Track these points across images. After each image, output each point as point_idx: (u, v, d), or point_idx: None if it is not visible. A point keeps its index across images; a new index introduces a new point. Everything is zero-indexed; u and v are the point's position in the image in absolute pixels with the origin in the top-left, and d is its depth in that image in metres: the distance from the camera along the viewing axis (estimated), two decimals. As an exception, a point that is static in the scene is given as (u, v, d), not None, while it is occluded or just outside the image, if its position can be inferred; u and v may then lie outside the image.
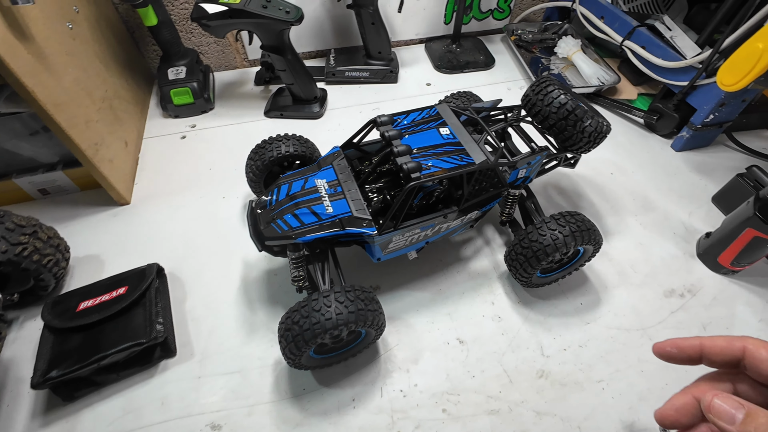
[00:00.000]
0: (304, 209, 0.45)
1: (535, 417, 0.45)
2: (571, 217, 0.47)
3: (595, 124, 0.48)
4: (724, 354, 0.28)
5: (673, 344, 0.31)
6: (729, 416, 0.24)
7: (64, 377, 0.41)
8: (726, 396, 0.25)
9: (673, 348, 0.31)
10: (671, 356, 0.31)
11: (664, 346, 0.31)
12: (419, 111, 0.51)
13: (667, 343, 0.31)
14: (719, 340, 0.29)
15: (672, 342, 0.31)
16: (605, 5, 0.81)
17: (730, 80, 0.53)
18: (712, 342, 0.29)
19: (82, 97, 0.57)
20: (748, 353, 0.27)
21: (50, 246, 0.50)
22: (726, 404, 0.25)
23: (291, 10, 0.65)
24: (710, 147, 0.74)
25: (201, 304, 0.53)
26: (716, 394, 0.25)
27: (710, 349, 0.29)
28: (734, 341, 0.28)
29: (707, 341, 0.29)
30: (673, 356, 0.31)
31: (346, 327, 0.39)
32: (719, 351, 0.28)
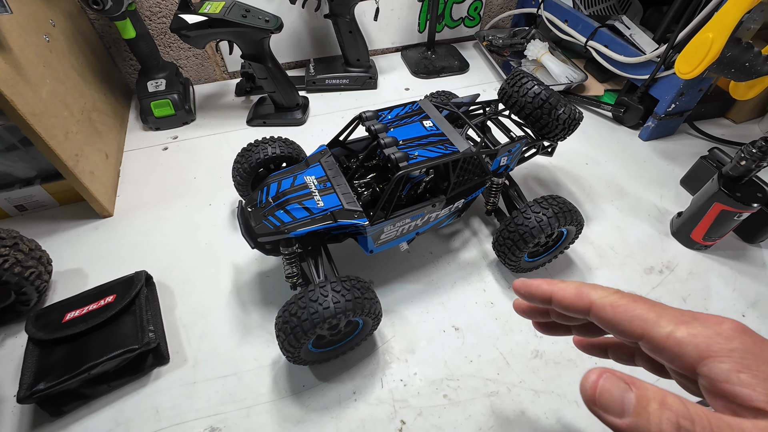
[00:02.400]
0: (295, 205, 0.45)
1: (533, 396, 0.46)
2: (553, 200, 0.49)
3: (569, 111, 0.51)
4: (573, 306, 0.25)
5: (523, 284, 0.28)
6: (618, 404, 0.19)
7: (53, 389, 0.40)
8: (610, 376, 0.20)
9: (523, 288, 0.28)
10: (522, 297, 0.29)
11: (516, 286, 0.29)
12: (402, 106, 0.52)
13: (517, 283, 0.29)
14: (570, 289, 0.25)
15: (522, 282, 0.28)
16: (568, 10, 0.86)
17: (686, 68, 0.57)
18: (563, 290, 0.26)
19: (60, 109, 0.56)
20: (593, 311, 0.24)
21: (32, 258, 0.48)
22: (613, 385, 0.20)
23: (270, 18, 0.67)
24: (674, 135, 0.79)
25: (192, 311, 0.52)
26: (602, 372, 0.20)
27: (559, 298, 0.26)
28: (583, 294, 0.24)
29: (558, 287, 0.26)
30: (523, 298, 0.29)
31: (344, 315, 0.39)
32: (568, 302, 0.25)
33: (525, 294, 0.28)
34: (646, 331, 0.21)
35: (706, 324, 0.20)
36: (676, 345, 0.20)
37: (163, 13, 0.78)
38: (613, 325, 0.23)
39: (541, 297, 0.27)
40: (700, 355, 0.20)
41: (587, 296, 0.24)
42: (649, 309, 0.22)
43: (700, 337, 0.20)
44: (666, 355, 0.21)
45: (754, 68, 0.57)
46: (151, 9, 0.77)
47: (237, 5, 0.66)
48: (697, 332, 0.20)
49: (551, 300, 0.26)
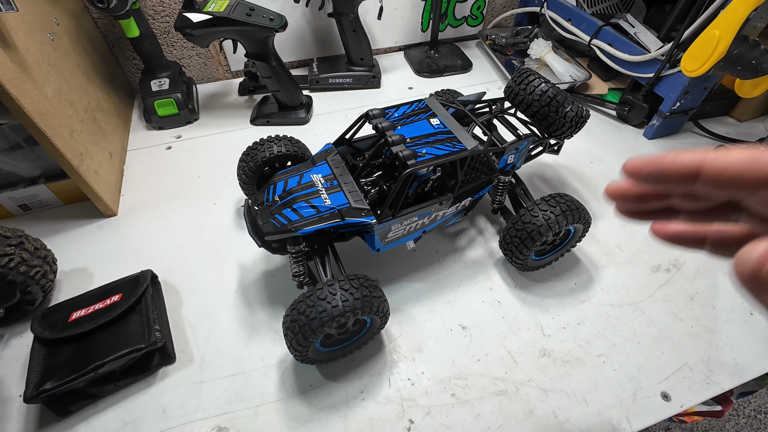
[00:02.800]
0: (302, 203, 0.45)
1: (542, 394, 0.45)
2: (561, 198, 0.49)
3: (576, 109, 0.51)
4: (744, 177, 0.18)
5: (650, 161, 0.20)
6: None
7: (60, 389, 0.39)
8: None
9: (650, 165, 0.20)
10: (646, 180, 0.21)
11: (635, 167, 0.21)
12: (409, 104, 0.52)
13: (636, 163, 0.21)
14: (737, 154, 0.18)
15: (647, 160, 0.20)
16: (571, 8, 0.86)
17: (693, 66, 0.57)
18: (725, 157, 0.18)
19: (65, 108, 0.56)
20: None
21: (37, 257, 0.48)
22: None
23: (275, 17, 0.67)
24: (679, 134, 0.79)
25: (198, 310, 0.52)
26: None
27: (718, 168, 0.18)
28: (763, 158, 0.17)
29: (713, 155, 0.19)
30: (646, 181, 0.21)
31: (353, 314, 0.39)
32: (736, 172, 0.18)
33: (651, 174, 0.20)
34: None
35: None
36: None
37: (167, 11, 0.78)
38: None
39: (682, 174, 0.19)
40: None
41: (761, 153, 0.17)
42: None
43: None
44: None
45: (761, 66, 0.57)
46: (155, 8, 0.77)
47: (241, 4, 0.66)
48: None
49: (699, 174, 0.19)
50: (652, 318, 0.52)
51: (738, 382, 0.46)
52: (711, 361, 0.48)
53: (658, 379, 0.47)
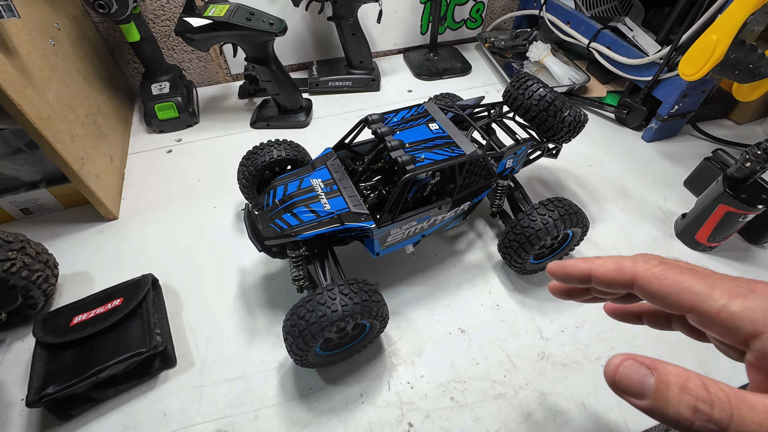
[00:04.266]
0: (302, 208, 0.45)
1: (540, 398, 0.46)
2: (559, 202, 0.49)
3: (574, 114, 0.51)
4: (615, 282, 0.24)
5: (559, 267, 0.28)
6: (637, 387, 0.20)
7: (62, 393, 0.40)
8: (631, 363, 0.20)
9: (559, 270, 0.28)
10: (559, 280, 0.28)
11: (550, 269, 0.28)
12: (408, 109, 0.52)
13: (552, 266, 0.28)
14: (609, 264, 0.24)
15: (557, 265, 0.28)
16: (570, 11, 0.86)
17: (690, 70, 0.58)
18: (602, 266, 0.25)
19: (66, 112, 0.57)
20: (638, 284, 0.23)
21: (39, 262, 0.48)
22: (633, 372, 0.20)
23: (275, 21, 0.67)
24: (677, 137, 0.79)
25: (198, 314, 0.52)
26: (624, 359, 0.20)
27: (599, 275, 0.25)
28: (625, 268, 0.24)
29: (596, 264, 0.25)
30: (559, 280, 0.28)
31: (353, 318, 0.39)
32: (609, 279, 0.24)
33: (561, 276, 0.28)
34: (696, 304, 0.21)
35: (765, 296, 0.19)
36: (730, 319, 0.20)
37: (167, 16, 0.79)
38: (659, 299, 0.22)
39: (579, 277, 0.26)
40: (756, 330, 0.19)
41: (630, 270, 0.23)
42: (698, 280, 0.21)
43: (758, 311, 0.19)
44: (717, 328, 0.20)
45: (758, 70, 0.57)
46: (155, 12, 0.77)
47: (241, 8, 0.66)
48: (755, 306, 0.19)
49: (590, 278, 0.25)
50: (650, 321, 0.52)
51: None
52: (709, 364, 0.48)
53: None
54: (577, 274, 0.26)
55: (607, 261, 0.25)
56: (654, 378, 0.19)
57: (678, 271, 0.22)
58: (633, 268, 0.23)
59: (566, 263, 0.27)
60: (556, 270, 0.28)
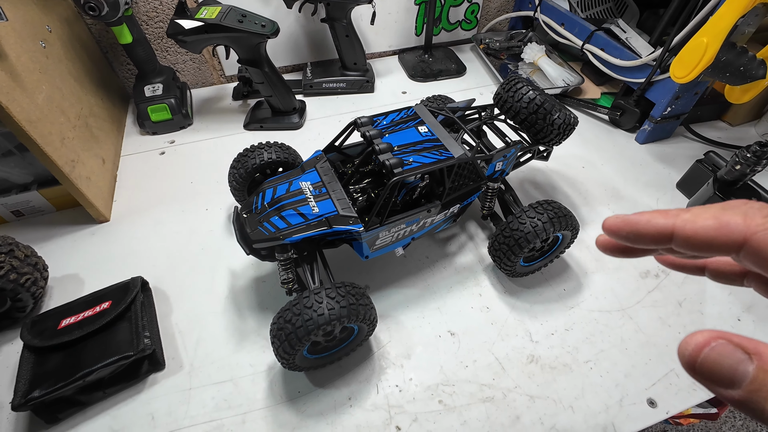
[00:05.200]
0: (290, 211, 0.45)
1: (529, 401, 0.46)
2: (548, 205, 0.49)
3: (564, 117, 0.51)
4: (714, 244, 0.18)
5: (625, 223, 0.20)
6: (727, 374, 0.16)
7: (48, 396, 0.40)
8: (723, 343, 0.16)
9: (625, 227, 0.20)
10: (622, 239, 0.21)
11: (609, 226, 0.21)
12: (397, 112, 0.52)
13: (614, 222, 0.21)
14: (705, 220, 0.18)
15: (623, 221, 0.21)
16: (565, 13, 0.86)
17: (681, 72, 0.58)
18: (694, 222, 0.18)
19: (56, 115, 0.56)
20: (751, 247, 0.17)
21: (28, 264, 0.48)
22: (724, 356, 0.16)
23: (267, 23, 0.67)
24: (671, 138, 0.79)
25: (188, 317, 0.52)
26: (712, 337, 0.16)
27: (689, 234, 0.18)
28: (731, 225, 0.17)
29: (683, 218, 0.19)
30: (622, 240, 0.21)
31: (339, 322, 0.39)
32: (705, 239, 0.18)
33: (628, 235, 0.20)
34: None
35: None
36: None
37: (160, 17, 0.79)
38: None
39: (656, 237, 0.19)
40: None
41: (739, 229, 0.17)
42: None
43: None
44: None
45: (749, 72, 0.57)
46: (148, 14, 0.77)
47: (233, 10, 0.66)
48: None
49: (672, 238, 0.19)
50: (640, 324, 0.52)
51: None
52: (698, 368, 0.48)
53: (644, 385, 0.47)
54: (652, 232, 0.19)
55: (702, 215, 0.18)
56: (754, 365, 0.15)
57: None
58: (744, 226, 0.17)
59: (633, 218, 0.20)
60: (621, 227, 0.20)
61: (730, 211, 0.18)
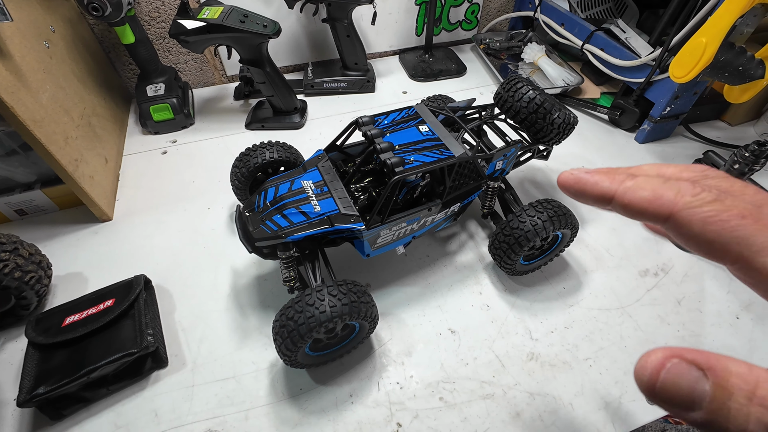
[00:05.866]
0: (293, 209, 0.46)
1: (529, 398, 0.46)
2: (548, 204, 0.49)
3: (563, 116, 0.52)
4: (646, 213, 0.19)
5: (575, 181, 0.22)
6: (686, 397, 0.15)
7: (52, 393, 0.40)
8: (677, 363, 0.16)
9: (574, 185, 0.22)
10: (571, 195, 0.23)
11: (562, 181, 0.23)
12: (398, 111, 0.53)
13: (566, 178, 0.23)
14: (643, 190, 0.19)
15: (573, 178, 0.22)
16: (565, 13, 0.87)
17: (680, 72, 0.58)
18: (633, 191, 0.20)
19: (60, 114, 0.57)
20: (675, 221, 0.18)
21: (32, 263, 0.48)
22: (681, 377, 0.15)
23: (268, 24, 0.67)
24: (670, 138, 0.79)
25: (191, 314, 0.53)
26: (667, 356, 0.16)
27: (626, 202, 0.20)
28: (663, 199, 0.19)
29: (626, 186, 0.20)
30: (571, 196, 0.23)
31: (341, 319, 0.39)
32: (639, 208, 0.19)
33: (575, 192, 0.22)
34: (744, 257, 0.17)
35: None
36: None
37: (162, 18, 0.79)
38: (699, 242, 0.18)
39: (598, 197, 0.21)
40: None
41: (668, 204, 0.18)
42: (758, 230, 0.17)
43: None
44: (764, 286, 0.17)
45: (748, 72, 0.57)
46: (151, 14, 0.78)
47: (235, 10, 0.67)
48: None
49: (612, 201, 0.21)
50: (639, 322, 0.52)
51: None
52: (696, 365, 0.49)
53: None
54: (596, 193, 0.21)
55: (642, 185, 0.19)
56: (709, 382, 0.15)
57: (733, 212, 0.17)
58: (673, 202, 0.18)
59: (583, 177, 0.22)
60: (570, 183, 0.22)
61: (668, 185, 0.19)
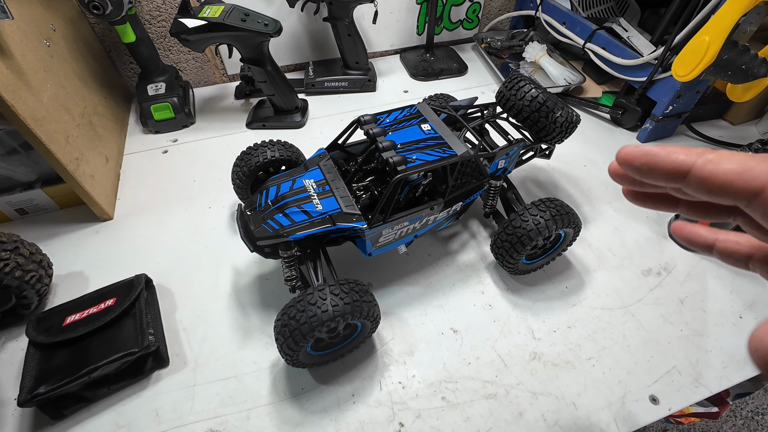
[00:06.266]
0: (294, 208, 0.45)
1: (531, 398, 0.46)
2: (551, 203, 0.49)
3: (566, 115, 0.51)
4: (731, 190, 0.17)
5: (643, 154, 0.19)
6: None
7: (53, 393, 0.40)
8: None
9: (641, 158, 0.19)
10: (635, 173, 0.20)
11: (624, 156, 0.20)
12: (400, 110, 0.53)
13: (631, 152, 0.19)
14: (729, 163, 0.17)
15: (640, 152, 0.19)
16: (566, 12, 0.86)
17: (683, 71, 0.58)
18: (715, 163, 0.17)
19: (61, 113, 0.57)
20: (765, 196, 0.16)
21: (33, 262, 0.48)
22: None
23: (270, 22, 0.67)
24: (672, 137, 0.79)
25: (192, 314, 0.53)
26: None
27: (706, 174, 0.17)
28: (755, 172, 0.16)
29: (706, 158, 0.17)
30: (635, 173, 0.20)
31: (343, 318, 0.39)
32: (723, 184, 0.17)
33: (643, 166, 0.19)
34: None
35: None
36: None
37: (163, 17, 0.79)
38: None
39: (671, 172, 0.18)
40: None
41: (762, 174, 0.16)
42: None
43: None
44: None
45: (751, 71, 0.57)
46: (151, 13, 0.78)
47: (236, 9, 0.66)
48: None
49: (688, 176, 0.18)
50: (642, 321, 0.52)
51: (726, 385, 0.47)
52: (700, 365, 0.49)
53: (647, 382, 0.47)
54: (668, 167, 0.18)
55: (727, 158, 0.17)
56: None
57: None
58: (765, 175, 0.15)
59: (653, 149, 0.19)
60: (637, 156, 0.19)
61: (759, 158, 0.17)
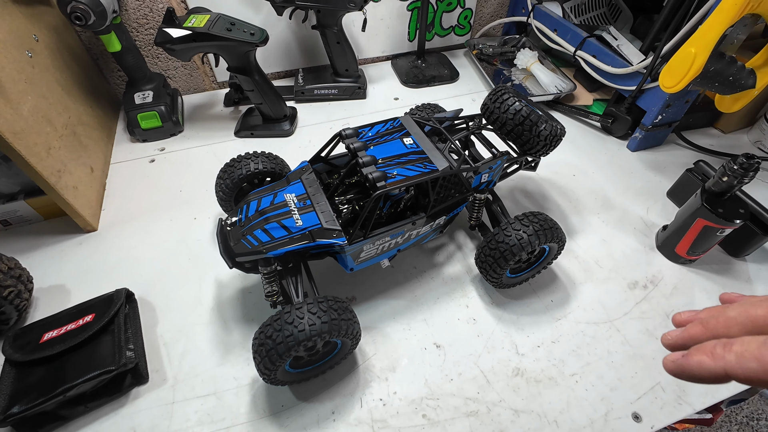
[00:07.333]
0: (274, 224, 0.45)
1: (513, 415, 0.45)
2: (534, 217, 0.49)
3: (550, 128, 0.51)
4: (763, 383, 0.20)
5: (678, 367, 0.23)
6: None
7: (27, 412, 0.39)
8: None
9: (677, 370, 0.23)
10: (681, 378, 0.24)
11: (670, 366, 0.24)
12: (383, 123, 0.52)
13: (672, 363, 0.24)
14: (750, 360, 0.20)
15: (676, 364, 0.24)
16: (557, 19, 0.86)
17: (670, 82, 0.57)
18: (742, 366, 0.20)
19: (42, 125, 0.56)
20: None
21: (11, 277, 0.48)
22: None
23: (255, 32, 0.67)
24: (662, 146, 0.79)
25: (173, 328, 0.52)
26: None
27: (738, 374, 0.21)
28: None
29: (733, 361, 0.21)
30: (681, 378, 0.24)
31: (320, 338, 0.39)
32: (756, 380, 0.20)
33: (690, 380, 0.23)
34: None
35: None
36: None
37: (150, 25, 0.78)
38: None
39: (713, 379, 0.22)
40: None
41: None
42: None
43: None
44: None
45: (738, 82, 0.57)
46: (138, 21, 0.77)
47: (222, 18, 0.66)
48: None
49: (728, 378, 0.21)
50: (627, 336, 0.52)
51: (709, 403, 0.46)
52: (684, 381, 0.48)
53: (630, 399, 0.47)
54: (707, 377, 0.22)
55: (745, 355, 0.20)
56: None
57: None
58: None
59: (685, 364, 0.23)
60: (677, 373, 0.23)
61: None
